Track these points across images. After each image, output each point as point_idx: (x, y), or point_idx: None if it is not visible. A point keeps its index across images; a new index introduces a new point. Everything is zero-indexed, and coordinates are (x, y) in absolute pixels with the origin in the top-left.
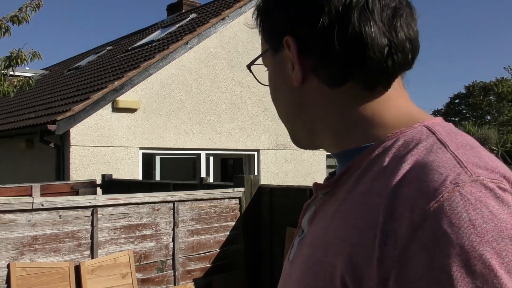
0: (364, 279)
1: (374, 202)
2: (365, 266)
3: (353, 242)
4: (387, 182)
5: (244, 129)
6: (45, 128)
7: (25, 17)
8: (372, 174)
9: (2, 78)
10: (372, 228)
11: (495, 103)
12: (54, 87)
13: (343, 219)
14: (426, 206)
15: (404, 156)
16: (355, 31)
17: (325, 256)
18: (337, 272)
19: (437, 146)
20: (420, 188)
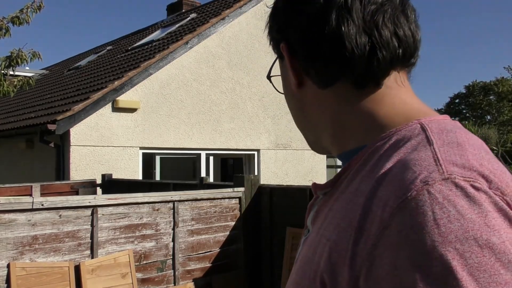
0: (339, 278)
1: (357, 201)
2: (340, 265)
3: (333, 241)
4: (371, 181)
5: (244, 129)
6: (45, 128)
7: (26, 18)
8: (362, 174)
9: (2, 78)
10: (350, 227)
11: (495, 103)
12: (54, 87)
13: (332, 219)
14: (394, 204)
15: (391, 155)
16: (333, 30)
17: (313, 255)
18: (319, 271)
19: (423, 143)
20: (394, 186)
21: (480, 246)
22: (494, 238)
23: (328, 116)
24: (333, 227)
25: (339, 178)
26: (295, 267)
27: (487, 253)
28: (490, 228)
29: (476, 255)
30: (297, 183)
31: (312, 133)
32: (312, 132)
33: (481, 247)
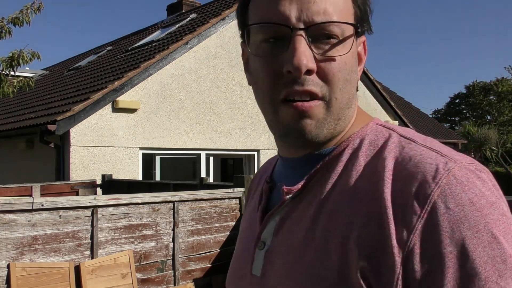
0: (383, 268)
1: (367, 198)
2: (381, 254)
3: (357, 236)
4: (376, 180)
5: (244, 129)
6: (45, 128)
7: (26, 19)
8: (351, 174)
9: (5, 78)
10: (377, 221)
11: (495, 103)
12: (54, 87)
13: (332, 219)
14: (429, 193)
15: (380, 154)
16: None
17: (325, 257)
18: (353, 268)
19: (406, 141)
20: (419, 179)
21: (501, 214)
22: (504, 206)
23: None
24: (344, 225)
25: (310, 180)
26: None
27: (505, 219)
28: (499, 199)
29: (501, 222)
30: None
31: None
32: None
33: (502, 215)
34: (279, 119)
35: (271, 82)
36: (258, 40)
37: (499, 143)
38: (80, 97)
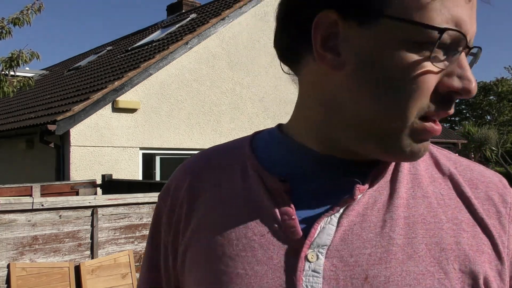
0: (503, 275)
1: (455, 205)
2: (483, 259)
3: (467, 243)
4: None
5: (244, 129)
6: (45, 128)
7: (26, 19)
8: (417, 179)
9: (4, 78)
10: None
11: (495, 103)
12: (54, 87)
13: (426, 223)
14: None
15: (433, 159)
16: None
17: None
18: (480, 276)
19: (436, 147)
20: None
21: None
22: None
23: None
24: (450, 231)
25: (375, 180)
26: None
27: None
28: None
29: None
30: None
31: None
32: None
33: None
34: (413, 133)
35: (427, 95)
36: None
37: (499, 143)
38: (80, 97)
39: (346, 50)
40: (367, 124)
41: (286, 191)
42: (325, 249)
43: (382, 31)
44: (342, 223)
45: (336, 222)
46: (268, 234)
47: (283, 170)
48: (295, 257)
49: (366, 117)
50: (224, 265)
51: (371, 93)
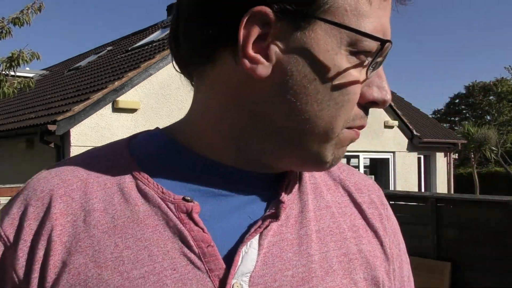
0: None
1: (350, 211)
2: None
3: (366, 249)
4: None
5: None
6: (45, 128)
7: (27, 19)
8: (317, 189)
9: (4, 79)
10: (366, 232)
11: (495, 103)
12: (54, 87)
13: (333, 234)
14: (384, 204)
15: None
16: None
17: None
18: (380, 281)
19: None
20: (375, 190)
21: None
22: None
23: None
24: (352, 239)
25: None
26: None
27: None
28: None
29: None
30: None
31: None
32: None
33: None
34: (335, 144)
35: (354, 105)
36: (365, 48)
37: (498, 143)
38: (80, 97)
39: (278, 55)
40: (292, 136)
41: (196, 213)
42: (248, 277)
43: (317, 36)
44: (262, 245)
45: (257, 245)
46: (183, 266)
47: (184, 189)
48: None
49: (293, 128)
50: None
51: (302, 103)
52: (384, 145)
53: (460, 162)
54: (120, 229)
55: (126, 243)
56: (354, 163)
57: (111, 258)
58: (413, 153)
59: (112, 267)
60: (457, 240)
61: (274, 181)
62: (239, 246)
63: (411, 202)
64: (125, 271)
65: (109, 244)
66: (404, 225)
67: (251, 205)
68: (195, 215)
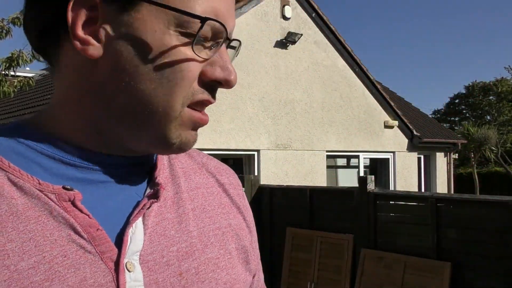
0: (253, 243)
1: (216, 190)
2: (245, 234)
3: (234, 223)
4: (209, 175)
5: (244, 130)
6: None
7: None
8: (185, 173)
9: (4, 79)
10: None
11: (495, 103)
12: (54, 87)
13: (207, 212)
14: (240, 186)
15: (191, 154)
16: None
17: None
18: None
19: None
20: (232, 174)
21: None
22: None
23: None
24: (221, 215)
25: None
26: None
27: None
28: None
29: None
30: (297, 183)
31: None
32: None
33: None
34: (182, 122)
35: (191, 82)
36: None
37: (498, 143)
38: None
39: (107, 37)
40: (136, 115)
41: (79, 200)
42: (138, 255)
43: (143, 17)
44: (147, 225)
45: (142, 226)
46: (73, 252)
47: (60, 178)
48: (113, 270)
49: (135, 108)
50: None
51: (136, 82)
52: (384, 145)
53: (460, 162)
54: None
55: (8, 236)
56: (354, 163)
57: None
58: (413, 153)
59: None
60: (457, 240)
61: (143, 165)
62: (126, 228)
63: (411, 202)
64: (11, 264)
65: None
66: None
67: (128, 188)
68: (78, 202)
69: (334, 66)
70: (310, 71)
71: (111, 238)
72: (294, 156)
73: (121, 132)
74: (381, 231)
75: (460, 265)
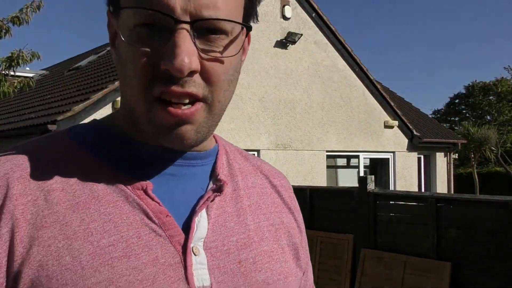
0: (303, 243)
1: (269, 191)
2: (295, 232)
3: (286, 221)
4: (262, 176)
5: (244, 130)
6: (45, 128)
7: (26, 18)
8: (243, 171)
9: (3, 78)
10: (284, 207)
11: (495, 103)
12: (54, 87)
13: (261, 209)
14: (291, 188)
15: (247, 157)
16: None
17: (280, 241)
18: (297, 246)
19: (240, 149)
20: (283, 178)
21: None
22: None
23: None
24: (275, 213)
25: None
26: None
27: None
28: None
29: None
30: (297, 183)
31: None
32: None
33: None
34: (153, 119)
35: (144, 76)
36: (131, 23)
37: (498, 143)
38: (81, 97)
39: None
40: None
41: (150, 189)
42: (202, 241)
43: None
44: (210, 216)
45: (206, 216)
46: (146, 235)
47: (132, 169)
48: (181, 253)
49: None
50: (105, 275)
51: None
52: (384, 145)
53: (460, 162)
54: (83, 205)
55: (91, 217)
56: (354, 163)
57: (80, 230)
58: (413, 153)
59: (82, 238)
60: (457, 240)
61: (205, 161)
62: (192, 216)
63: (411, 202)
64: (94, 241)
65: (74, 219)
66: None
67: (193, 181)
68: (149, 191)
69: (334, 66)
70: (310, 71)
71: (178, 225)
72: (294, 156)
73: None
74: (381, 231)
75: (460, 265)
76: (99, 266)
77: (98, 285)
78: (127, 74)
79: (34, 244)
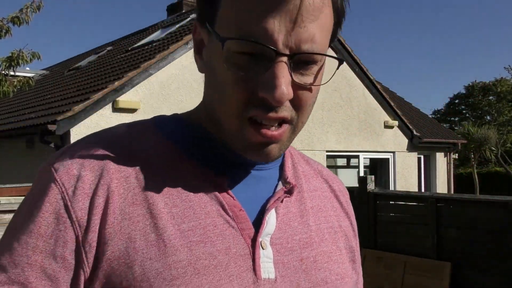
0: (357, 246)
1: (329, 195)
2: (351, 236)
3: (344, 225)
4: (322, 180)
5: None
6: (45, 128)
7: (26, 18)
8: (306, 175)
9: (4, 78)
10: (341, 211)
11: (494, 103)
12: (54, 87)
13: (322, 212)
14: (347, 193)
15: (308, 161)
16: None
17: (338, 243)
18: (354, 250)
19: (301, 153)
20: (339, 182)
21: None
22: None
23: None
24: (334, 217)
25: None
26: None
27: None
28: None
29: None
30: None
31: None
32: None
33: None
34: (245, 137)
35: (241, 100)
36: (231, 49)
37: (498, 143)
38: (81, 97)
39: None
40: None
41: (228, 185)
42: (269, 237)
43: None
44: (278, 214)
45: (275, 214)
46: (221, 224)
47: (211, 164)
48: (250, 246)
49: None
50: (184, 255)
51: (212, 93)
52: (384, 145)
53: (460, 162)
54: (167, 190)
55: (173, 202)
56: (354, 163)
57: (164, 212)
58: (413, 153)
59: (165, 219)
60: (457, 240)
61: (274, 163)
62: (264, 213)
63: (411, 202)
64: (176, 224)
65: (159, 201)
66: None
67: (263, 181)
68: (225, 186)
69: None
70: None
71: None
72: None
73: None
74: (381, 231)
75: (460, 265)
76: (180, 247)
77: (178, 263)
78: (223, 93)
79: (125, 219)
